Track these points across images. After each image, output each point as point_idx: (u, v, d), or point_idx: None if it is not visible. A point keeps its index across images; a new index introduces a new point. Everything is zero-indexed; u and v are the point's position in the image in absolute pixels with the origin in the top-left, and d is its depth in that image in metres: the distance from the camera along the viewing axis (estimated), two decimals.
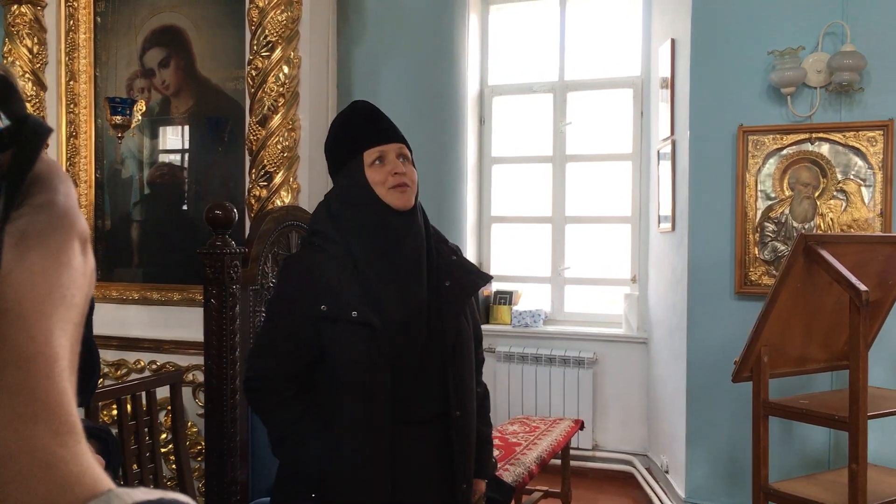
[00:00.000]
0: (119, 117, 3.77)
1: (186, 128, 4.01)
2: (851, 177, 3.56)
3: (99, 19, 4.05)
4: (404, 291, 1.84)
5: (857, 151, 3.54)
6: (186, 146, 4.04)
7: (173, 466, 3.04)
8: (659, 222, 4.49)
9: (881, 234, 3.47)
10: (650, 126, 4.84)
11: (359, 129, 1.91)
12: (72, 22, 4.02)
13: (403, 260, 1.85)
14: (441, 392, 1.87)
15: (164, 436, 3.62)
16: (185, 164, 4.04)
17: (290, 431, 1.85)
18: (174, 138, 4.08)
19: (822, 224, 3.59)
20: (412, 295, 1.84)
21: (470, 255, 5.21)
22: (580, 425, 4.09)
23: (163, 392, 3.03)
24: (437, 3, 4.74)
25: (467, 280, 1.96)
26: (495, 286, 5.33)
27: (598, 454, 4.92)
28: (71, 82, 4.05)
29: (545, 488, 3.93)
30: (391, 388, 1.79)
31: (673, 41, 4.18)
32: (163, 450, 3.58)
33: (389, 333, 1.79)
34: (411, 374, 1.82)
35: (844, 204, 3.57)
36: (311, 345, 1.83)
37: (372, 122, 1.91)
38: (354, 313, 1.77)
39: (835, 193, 3.58)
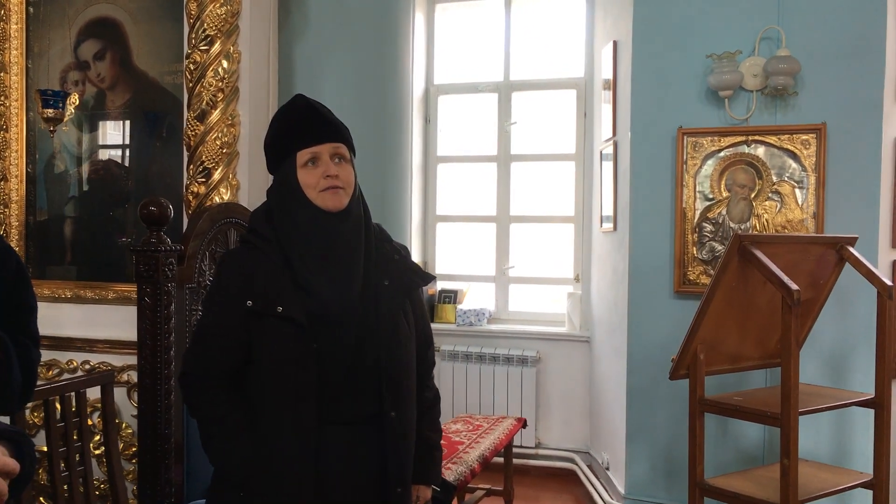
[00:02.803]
0: (51, 110, 3.65)
1: (123, 122, 3.91)
2: (786, 179, 3.64)
3: (31, 9, 3.92)
4: (336, 289, 1.82)
5: (792, 154, 3.63)
6: (122, 140, 3.94)
7: (106, 469, 2.96)
8: (601, 222, 4.54)
9: (813, 234, 3.56)
10: (593, 127, 4.89)
11: (293, 129, 1.87)
12: (2, 11, 3.89)
13: (336, 259, 1.84)
14: (376, 392, 1.85)
15: (97, 437, 3.53)
16: (122, 159, 3.94)
17: (216, 428, 1.84)
18: (111, 133, 3.98)
19: (757, 224, 3.67)
20: (344, 293, 1.82)
21: (415, 253, 5.20)
22: (523, 423, 4.11)
23: (96, 393, 2.95)
24: (382, 1, 4.71)
25: (407, 279, 1.95)
26: (440, 285, 5.33)
27: (541, 452, 4.95)
28: (1, 74, 3.91)
29: (487, 486, 3.94)
30: (318, 386, 1.78)
31: (615, 43, 4.23)
32: (97, 452, 3.49)
33: (317, 330, 1.77)
34: (341, 373, 1.81)
35: (779, 205, 3.65)
36: (240, 341, 1.82)
37: (306, 121, 1.87)
38: (280, 308, 1.77)
39: (770, 195, 3.66)
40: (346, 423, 1.84)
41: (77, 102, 3.86)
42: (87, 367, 3.71)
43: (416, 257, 5.21)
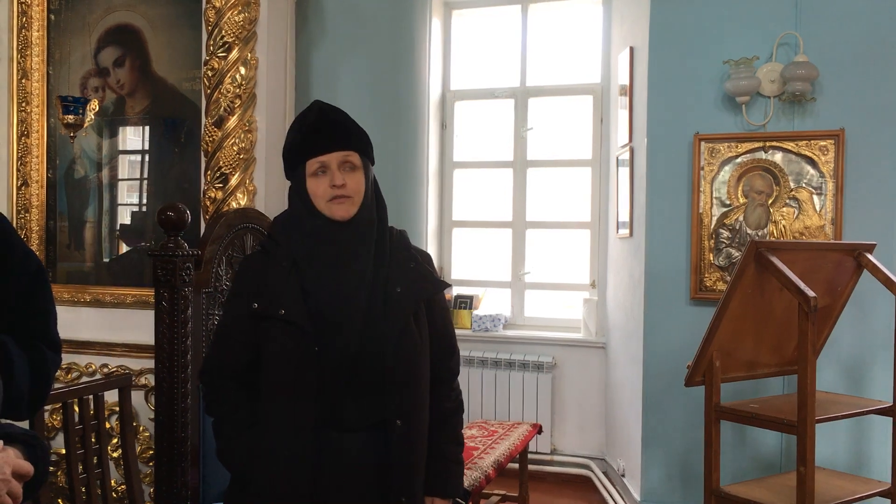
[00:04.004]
0: (71, 116, 3.70)
1: (142, 128, 3.96)
2: (804, 185, 3.62)
3: (52, 17, 3.99)
4: (340, 296, 1.83)
5: (809, 160, 3.61)
6: (141, 146, 3.99)
7: (123, 471, 2.98)
8: (617, 228, 4.53)
9: (831, 241, 3.54)
10: (609, 133, 4.88)
11: (304, 137, 1.89)
12: (24, 19, 3.95)
13: (342, 267, 1.86)
14: (382, 399, 1.85)
15: (115, 440, 3.56)
16: (141, 165, 3.99)
17: (221, 427, 1.92)
18: (130, 138, 4.03)
19: (774, 231, 3.65)
20: (348, 300, 1.84)
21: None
22: (538, 429, 4.10)
23: (114, 396, 2.98)
24: (399, 7, 4.73)
25: (418, 287, 1.94)
26: (456, 290, 5.34)
27: (556, 458, 4.94)
28: (23, 80, 3.97)
29: (503, 492, 3.94)
30: (318, 389, 1.80)
31: (631, 49, 4.23)
32: (114, 454, 3.52)
33: (319, 334, 1.80)
34: (343, 378, 1.82)
35: (797, 211, 3.63)
36: (248, 342, 1.88)
37: (316, 129, 1.88)
38: (282, 311, 1.81)
39: (787, 201, 3.65)
40: (348, 430, 1.85)
41: (97, 108, 3.91)
42: (106, 370, 3.75)
43: None
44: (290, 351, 1.81)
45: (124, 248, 4.00)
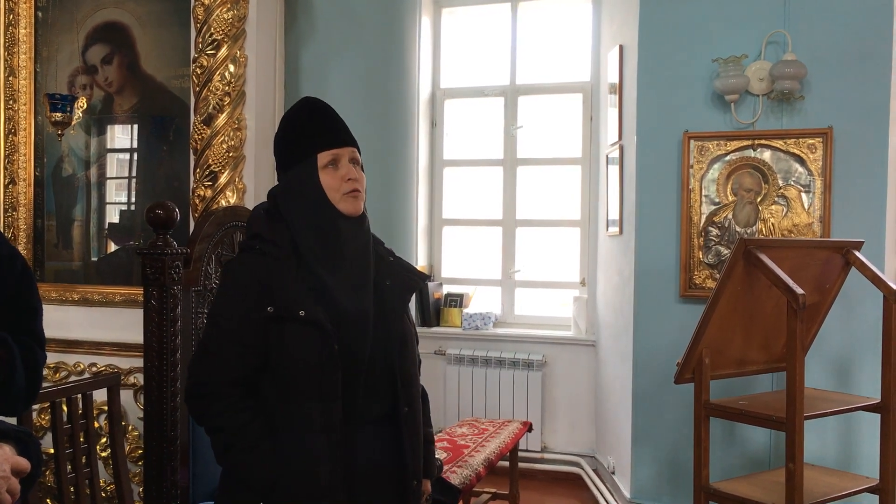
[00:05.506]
0: (59, 114, 3.68)
1: (130, 126, 3.94)
2: (792, 183, 3.64)
3: (40, 14, 3.96)
4: (351, 291, 1.84)
5: (798, 158, 3.62)
6: (130, 144, 3.97)
7: (112, 471, 2.97)
8: (607, 226, 4.54)
9: (819, 238, 3.55)
10: (599, 131, 4.89)
11: (313, 129, 1.87)
12: (11, 16, 3.93)
13: (351, 261, 1.86)
14: (391, 390, 1.88)
15: (104, 439, 3.55)
16: (129, 163, 3.97)
17: (238, 437, 1.79)
18: (119, 136, 4.01)
19: (763, 229, 3.66)
20: (359, 294, 1.84)
21: (421, 257, 5.21)
22: (529, 427, 4.11)
23: (102, 395, 2.96)
24: (389, 5, 4.72)
25: (407, 279, 1.99)
26: (446, 289, 5.34)
27: (547, 456, 4.94)
28: (10, 78, 3.95)
29: (493, 490, 3.94)
30: (343, 387, 1.79)
31: (621, 47, 4.23)
32: (103, 454, 3.51)
33: (338, 332, 1.78)
34: (360, 373, 1.82)
35: (785, 209, 3.65)
36: (258, 348, 1.80)
37: (328, 123, 1.89)
38: (302, 312, 1.76)
39: (776, 199, 3.66)
40: (367, 422, 1.85)
41: (85, 106, 3.89)
42: (94, 369, 3.74)
43: (421, 261, 5.22)
44: (313, 352, 1.76)
45: (113, 247, 3.98)
